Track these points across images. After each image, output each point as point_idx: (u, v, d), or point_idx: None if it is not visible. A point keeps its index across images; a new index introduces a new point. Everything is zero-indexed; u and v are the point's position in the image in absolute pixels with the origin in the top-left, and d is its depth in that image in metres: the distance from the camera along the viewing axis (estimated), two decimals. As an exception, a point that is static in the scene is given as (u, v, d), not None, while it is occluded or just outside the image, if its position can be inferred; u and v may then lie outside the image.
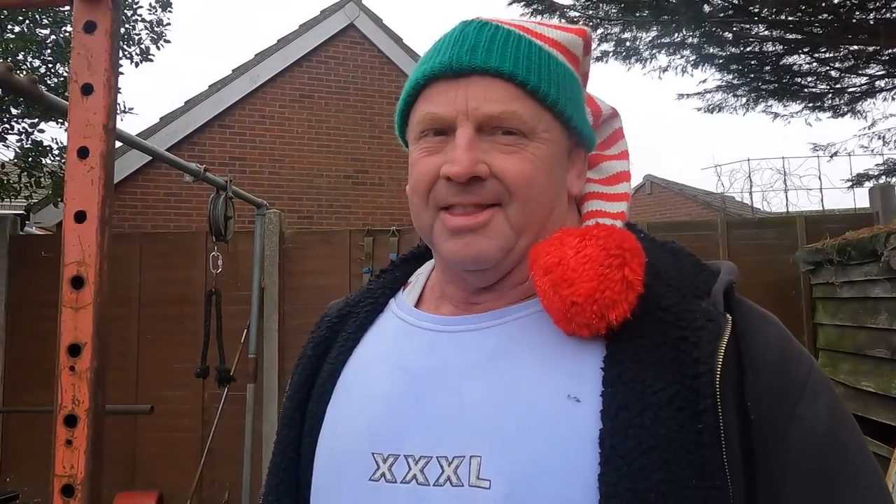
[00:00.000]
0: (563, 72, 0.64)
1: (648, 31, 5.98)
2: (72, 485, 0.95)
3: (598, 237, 0.58)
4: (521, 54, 0.62)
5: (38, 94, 1.62)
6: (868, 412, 3.35)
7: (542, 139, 0.62)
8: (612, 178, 0.73)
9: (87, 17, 1.05)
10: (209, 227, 3.33)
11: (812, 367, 0.58)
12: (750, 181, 8.94)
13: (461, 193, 0.61)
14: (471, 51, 0.62)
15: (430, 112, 0.63)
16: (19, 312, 4.64)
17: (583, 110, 0.68)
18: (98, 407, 0.99)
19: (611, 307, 0.56)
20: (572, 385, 0.56)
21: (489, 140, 0.61)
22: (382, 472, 0.59)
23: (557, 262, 0.58)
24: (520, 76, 0.61)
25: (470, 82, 0.61)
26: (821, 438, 0.55)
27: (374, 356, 0.68)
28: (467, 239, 0.61)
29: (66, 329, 0.99)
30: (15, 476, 4.54)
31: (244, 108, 6.39)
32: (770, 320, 0.61)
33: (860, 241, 3.40)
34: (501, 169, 0.61)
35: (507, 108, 0.61)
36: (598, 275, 0.56)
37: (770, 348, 0.57)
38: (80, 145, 1.03)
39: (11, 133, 5.14)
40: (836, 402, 0.57)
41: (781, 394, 0.56)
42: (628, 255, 0.57)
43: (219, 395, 3.86)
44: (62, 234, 1.03)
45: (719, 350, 0.54)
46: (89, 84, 1.04)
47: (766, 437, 0.54)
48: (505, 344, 0.61)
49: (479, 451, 0.55)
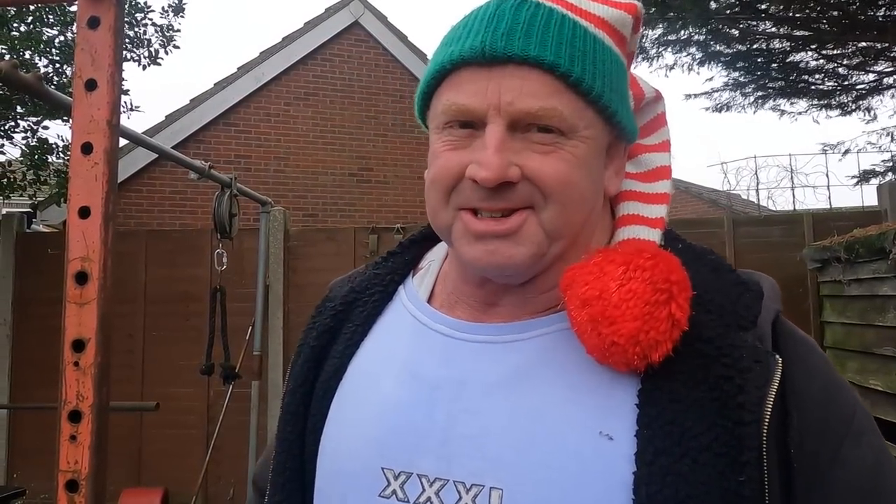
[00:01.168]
0: (610, 58, 0.57)
1: (654, 29, 5.95)
2: (76, 480, 0.95)
3: (645, 268, 0.52)
4: (565, 39, 0.54)
5: (44, 91, 1.62)
6: (876, 411, 3.33)
7: (583, 137, 0.56)
8: (650, 174, 0.65)
9: (91, 13, 1.05)
10: (214, 225, 3.34)
11: (857, 404, 0.55)
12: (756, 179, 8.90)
13: (488, 198, 0.54)
14: (507, 35, 0.54)
15: (456, 102, 0.56)
16: (26, 309, 4.67)
17: (627, 101, 0.61)
18: (102, 402, 0.99)
19: (654, 348, 0.51)
20: (604, 420, 0.52)
21: (522, 138, 0.55)
22: (394, 489, 0.55)
23: (598, 295, 0.52)
24: (562, 67, 0.53)
25: (505, 72, 0.54)
26: (864, 484, 0.52)
27: (385, 356, 0.63)
28: (494, 245, 0.55)
29: (71, 325, 0.99)
30: (22, 472, 4.57)
31: (249, 106, 6.40)
32: (812, 348, 0.57)
33: (868, 238, 3.38)
34: (536, 171, 0.54)
35: (546, 104, 0.54)
36: (644, 314, 0.51)
37: (814, 382, 0.54)
38: (84, 141, 1.03)
39: (17, 131, 5.17)
40: (880, 442, 0.54)
41: (825, 434, 0.52)
42: (675, 288, 0.52)
43: (224, 392, 3.87)
44: (66, 230, 1.04)
45: (768, 397, 0.50)
46: (93, 80, 1.04)
47: (809, 480, 0.51)
48: (530, 363, 0.56)
49: (501, 484, 0.52)
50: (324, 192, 6.54)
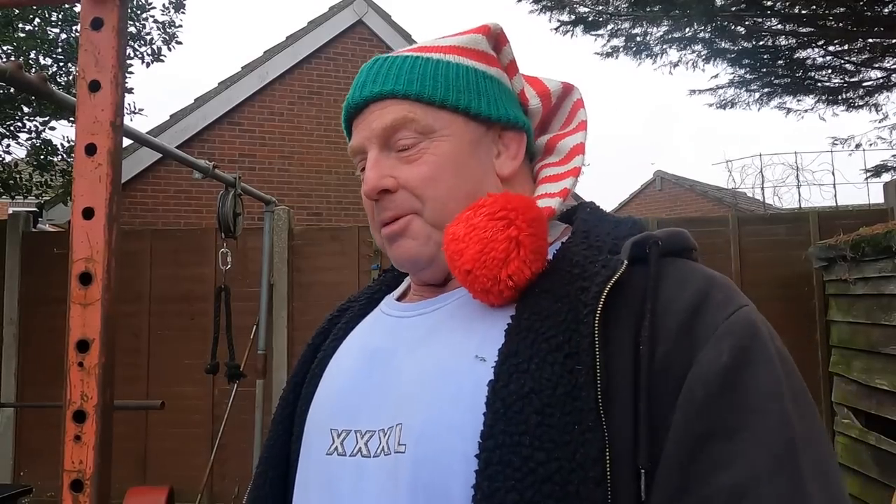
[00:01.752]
0: (455, 71, 0.69)
1: (659, 26, 5.92)
2: (81, 480, 0.95)
3: (484, 205, 0.61)
4: (404, 71, 0.69)
5: (48, 92, 1.63)
6: (882, 410, 3.31)
7: (443, 136, 0.67)
8: (566, 156, 0.74)
9: (95, 14, 1.05)
10: (218, 224, 3.34)
11: (735, 313, 0.53)
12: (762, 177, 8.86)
13: (382, 210, 0.68)
14: (362, 86, 0.71)
15: (350, 147, 0.72)
16: (33, 309, 4.69)
17: (498, 98, 0.71)
18: (106, 402, 1.00)
19: (502, 266, 0.58)
20: (481, 347, 0.58)
21: (395, 156, 0.68)
22: (335, 445, 0.63)
23: (451, 237, 0.61)
24: (401, 90, 0.67)
25: (371, 111, 0.69)
26: (713, 379, 0.49)
27: (353, 344, 0.74)
28: (397, 242, 0.68)
29: (75, 325, 1.00)
30: (29, 470, 4.60)
31: (253, 105, 6.41)
32: (702, 272, 0.58)
33: (874, 237, 3.36)
34: (406, 178, 0.66)
35: (398, 115, 0.67)
36: (482, 238, 0.59)
37: (686, 294, 0.54)
38: (88, 142, 1.03)
39: (23, 131, 5.19)
40: (753, 345, 0.51)
41: (685, 339, 0.52)
42: (513, 214, 0.60)
43: (228, 390, 3.88)
44: (70, 230, 1.04)
45: (604, 291, 0.54)
46: (97, 81, 1.04)
47: (661, 383, 0.51)
48: (440, 322, 0.65)
49: (402, 419, 0.59)
50: (328, 190, 6.55)
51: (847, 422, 3.71)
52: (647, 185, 15.73)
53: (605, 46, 6.30)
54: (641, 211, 14.77)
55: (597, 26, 6.09)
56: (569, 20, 6.06)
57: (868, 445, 3.44)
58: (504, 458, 0.50)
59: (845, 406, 3.75)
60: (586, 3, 6.02)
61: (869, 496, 3.38)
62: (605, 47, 6.31)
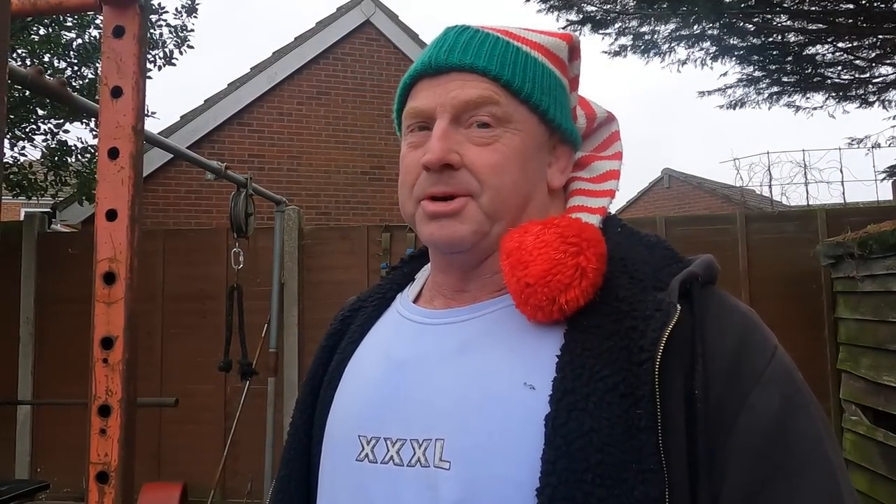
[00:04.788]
0: (542, 70, 0.68)
1: (667, 24, 5.91)
2: (106, 472, 0.99)
3: (559, 226, 0.62)
4: (497, 53, 0.66)
5: (68, 97, 1.67)
6: (890, 407, 3.31)
7: (516, 129, 0.66)
8: (600, 177, 0.74)
9: (116, 22, 1.09)
10: (230, 224, 3.39)
11: (773, 357, 0.58)
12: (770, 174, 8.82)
13: (436, 183, 0.65)
14: (449, 51, 0.67)
15: (413, 107, 0.68)
16: (48, 308, 4.77)
17: (565, 108, 0.71)
18: (130, 397, 1.04)
19: (562, 291, 0.58)
20: (529, 373, 0.59)
21: (465, 132, 0.65)
22: (366, 453, 0.64)
23: (517, 246, 0.61)
24: (493, 71, 0.65)
25: (450, 78, 0.66)
26: (767, 425, 0.55)
27: (373, 347, 0.73)
28: (442, 222, 0.65)
29: (99, 323, 1.04)
30: (46, 467, 4.68)
31: (262, 105, 6.46)
32: (736, 310, 0.61)
33: (882, 234, 3.35)
34: (473, 160, 0.64)
35: (483, 93, 0.65)
36: (552, 259, 0.59)
37: (729, 336, 0.58)
38: (111, 146, 1.07)
39: (38, 133, 5.27)
40: (794, 392, 0.57)
41: (733, 382, 0.56)
42: (585, 244, 0.60)
43: (241, 388, 3.93)
44: (94, 231, 1.08)
45: (662, 337, 0.55)
46: (118, 87, 1.08)
47: (715, 425, 0.55)
48: (476, 335, 0.65)
49: (443, 434, 0.59)
50: (337, 190, 6.60)
51: (855, 419, 3.70)
52: (656, 183, 15.67)
53: (613, 45, 6.30)
54: (649, 209, 14.73)
55: (604, 25, 6.08)
56: (576, 19, 6.06)
57: (876, 442, 3.44)
58: (567, 493, 0.52)
59: (853, 403, 3.75)
60: (594, 1, 6.01)
61: (877, 493, 3.38)
62: (612, 46, 6.30)
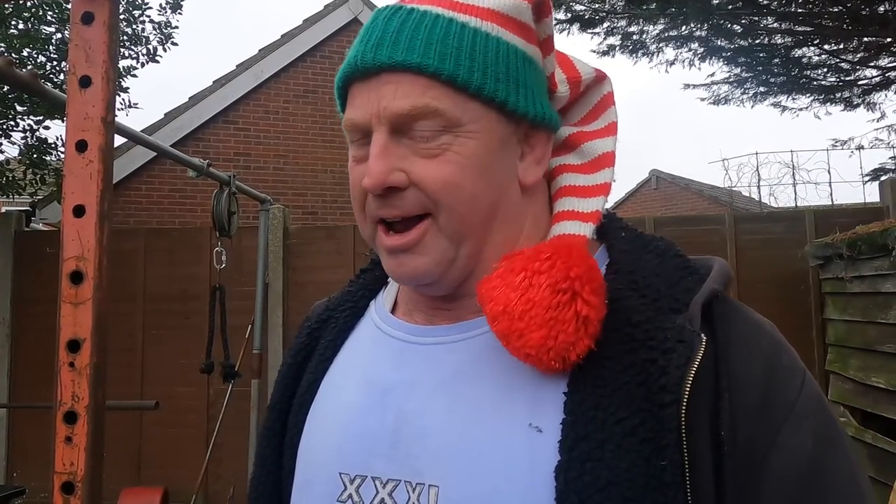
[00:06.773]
0: (495, 48, 0.56)
1: (655, 25, 5.93)
2: (72, 482, 0.94)
3: (541, 272, 0.52)
4: (436, 39, 0.55)
5: (40, 89, 1.61)
6: (878, 409, 3.32)
7: (470, 132, 0.55)
8: (593, 163, 0.64)
9: (85, 8, 1.03)
10: (213, 223, 3.32)
11: (802, 387, 0.52)
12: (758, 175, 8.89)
13: (383, 206, 0.56)
14: (377, 45, 0.55)
15: (348, 119, 0.59)
16: (25, 308, 4.66)
17: (534, 87, 0.59)
18: (98, 403, 0.98)
19: (569, 350, 0.50)
20: (533, 412, 0.52)
21: (408, 144, 0.55)
22: (350, 493, 0.57)
23: (502, 310, 0.52)
24: (430, 66, 0.54)
25: (380, 81, 0.55)
26: (801, 469, 0.49)
27: (351, 366, 0.65)
28: (400, 258, 0.57)
29: (66, 325, 0.98)
30: (22, 471, 4.57)
31: (248, 103, 6.39)
32: (758, 328, 0.55)
33: (870, 235, 3.36)
34: (421, 176, 0.55)
35: (418, 102, 0.54)
36: (548, 319, 0.50)
37: (755, 363, 0.52)
38: (79, 139, 1.01)
39: (16, 130, 5.15)
40: (826, 427, 0.52)
41: (762, 418, 0.50)
42: (577, 284, 0.51)
43: (224, 390, 3.86)
44: (61, 228, 1.02)
45: (688, 376, 0.48)
46: (87, 76, 1.02)
47: (744, 469, 0.49)
48: (469, 362, 0.57)
49: (437, 481, 0.53)
50: (323, 189, 6.53)
51: (843, 420, 3.71)
52: (643, 184, 15.75)
53: (602, 45, 6.31)
54: (637, 210, 14.78)
55: (593, 24, 6.09)
56: (565, 18, 6.06)
57: (865, 443, 3.45)
58: None
59: (842, 404, 3.76)
60: (583, 1, 6.01)
61: (865, 494, 3.39)
62: (601, 45, 6.32)
